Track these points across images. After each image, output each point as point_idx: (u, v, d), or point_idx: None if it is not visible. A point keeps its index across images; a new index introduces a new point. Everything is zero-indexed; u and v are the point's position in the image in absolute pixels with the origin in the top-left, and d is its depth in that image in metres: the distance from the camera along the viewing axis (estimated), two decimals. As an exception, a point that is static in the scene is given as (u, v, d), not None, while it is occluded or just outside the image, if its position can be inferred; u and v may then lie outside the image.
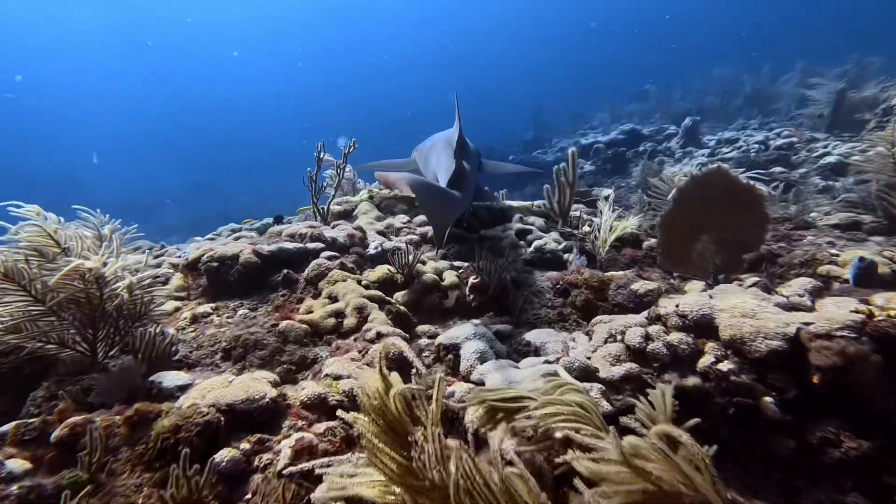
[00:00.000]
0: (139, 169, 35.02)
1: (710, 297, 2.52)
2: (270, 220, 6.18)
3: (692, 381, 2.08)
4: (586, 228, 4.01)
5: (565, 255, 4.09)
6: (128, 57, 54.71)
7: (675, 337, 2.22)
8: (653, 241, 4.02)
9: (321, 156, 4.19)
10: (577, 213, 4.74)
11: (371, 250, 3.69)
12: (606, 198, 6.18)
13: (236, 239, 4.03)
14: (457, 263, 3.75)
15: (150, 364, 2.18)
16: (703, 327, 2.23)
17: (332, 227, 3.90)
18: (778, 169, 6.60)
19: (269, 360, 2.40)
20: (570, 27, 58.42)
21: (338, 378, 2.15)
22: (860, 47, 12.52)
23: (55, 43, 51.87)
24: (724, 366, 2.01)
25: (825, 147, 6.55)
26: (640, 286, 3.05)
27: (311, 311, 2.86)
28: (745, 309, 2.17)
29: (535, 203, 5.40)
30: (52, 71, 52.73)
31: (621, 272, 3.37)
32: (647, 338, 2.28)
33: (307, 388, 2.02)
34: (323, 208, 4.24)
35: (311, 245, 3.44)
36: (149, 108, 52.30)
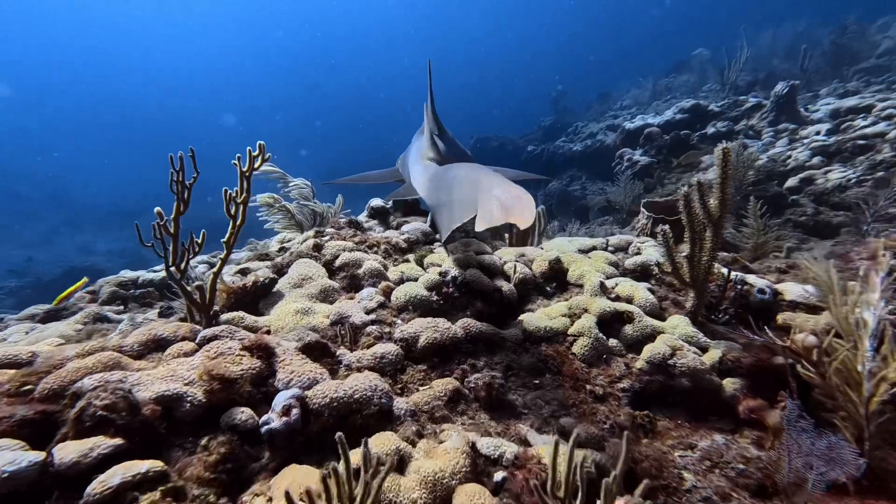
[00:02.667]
0: (127, 168, 33.70)
1: None
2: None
3: None
4: (803, 339, 1.68)
5: (731, 386, 1.80)
6: (112, 48, 53.62)
7: None
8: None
9: (184, 181, 1.99)
10: (721, 270, 2.41)
11: (274, 421, 1.48)
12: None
13: None
14: (484, 446, 1.51)
15: None
16: None
17: (199, 344, 1.71)
18: None
19: None
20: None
21: None
22: None
23: (32, 32, 50.85)
24: None
25: None
26: None
27: None
28: None
29: (611, 240, 3.10)
30: (31, 66, 51.84)
31: None
32: None
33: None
34: (200, 285, 2.04)
35: (75, 457, 1.24)
36: (137, 104, 51.03)
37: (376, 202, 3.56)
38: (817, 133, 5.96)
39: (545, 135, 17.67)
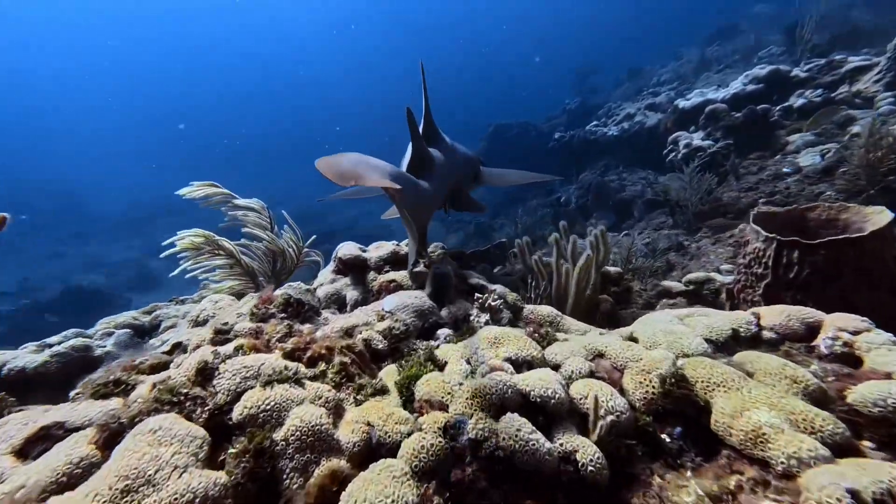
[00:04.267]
0: (139, 175, 33.62)
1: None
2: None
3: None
4: None
5: None
6: (124, 51, 53.92)
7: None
8: None
9: None
10: None
11: None
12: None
13: None
14: None
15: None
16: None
17: None
18: None
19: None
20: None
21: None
22: None
23: (43, 39, 51.62)
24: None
25: None
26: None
27: None
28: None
29: (767, 317, 1.66)
30: (46, 74, 52.69)
31: None
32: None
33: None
34: None
35: None
36: (151, 108, 51.32)
37: (346, 250, 2.23)
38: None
39: (571, 119, 15.94)
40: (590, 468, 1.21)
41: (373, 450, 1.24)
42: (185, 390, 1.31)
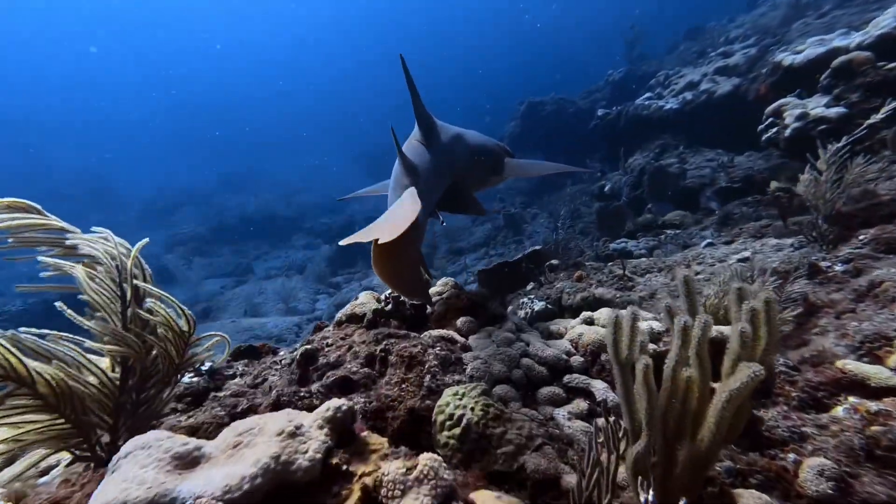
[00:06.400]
0: (166, 163, 33.73)
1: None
2: None
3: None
4: None
5: None
6: (150, 43, 54.47)
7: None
8: None
9: None
10: None
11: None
12: None
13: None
14: None
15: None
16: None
17: None
18: None
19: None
20: None
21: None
22: None
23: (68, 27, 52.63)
24: None
25: None
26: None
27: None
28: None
29: None
30: (68, 60, 54.06)
31: None
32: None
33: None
34: None
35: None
36: (179, 101, 51.97)
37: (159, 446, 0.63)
38: None
39: (615, 92, 13.68)
40: None
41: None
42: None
